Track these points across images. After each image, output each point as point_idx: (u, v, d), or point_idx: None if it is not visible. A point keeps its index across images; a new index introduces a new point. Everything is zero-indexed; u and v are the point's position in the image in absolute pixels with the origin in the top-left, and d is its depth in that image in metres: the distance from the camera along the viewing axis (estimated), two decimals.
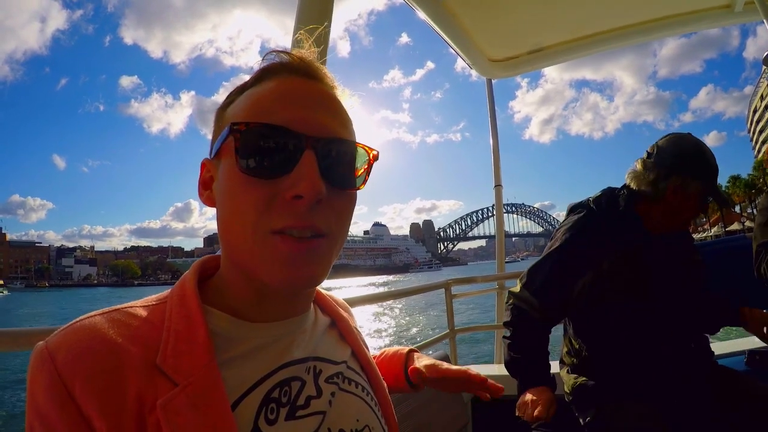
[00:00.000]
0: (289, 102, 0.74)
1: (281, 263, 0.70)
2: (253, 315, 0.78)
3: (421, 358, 1.20)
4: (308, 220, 0.70)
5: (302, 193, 0.68)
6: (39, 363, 0.62)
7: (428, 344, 3.12)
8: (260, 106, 0.74)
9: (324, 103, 0.77)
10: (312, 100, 0.76)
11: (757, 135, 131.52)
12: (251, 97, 0.77)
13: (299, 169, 0.70)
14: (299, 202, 0.69)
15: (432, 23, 3.74)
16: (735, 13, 3.98)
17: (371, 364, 0.98)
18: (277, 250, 0.69)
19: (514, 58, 4.73)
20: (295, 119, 0.72)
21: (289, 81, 0.77)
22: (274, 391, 0.73)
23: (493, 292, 4.23)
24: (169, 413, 0.61)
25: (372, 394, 0.92)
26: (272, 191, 0.70)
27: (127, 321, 0.69)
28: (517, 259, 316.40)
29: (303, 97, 0.76)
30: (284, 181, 0.70)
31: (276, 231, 0.69)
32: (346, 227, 0.79)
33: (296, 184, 0.69)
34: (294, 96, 0.75)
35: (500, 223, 5.10)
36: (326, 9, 1.96)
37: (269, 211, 0.70)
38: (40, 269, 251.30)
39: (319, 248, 0.73)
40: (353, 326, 1.02)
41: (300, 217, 0.70)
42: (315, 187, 0.68)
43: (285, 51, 0.82)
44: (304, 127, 0.72)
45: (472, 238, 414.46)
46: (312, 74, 0.80)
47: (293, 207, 0.69)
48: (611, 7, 4.07)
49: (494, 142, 4.99)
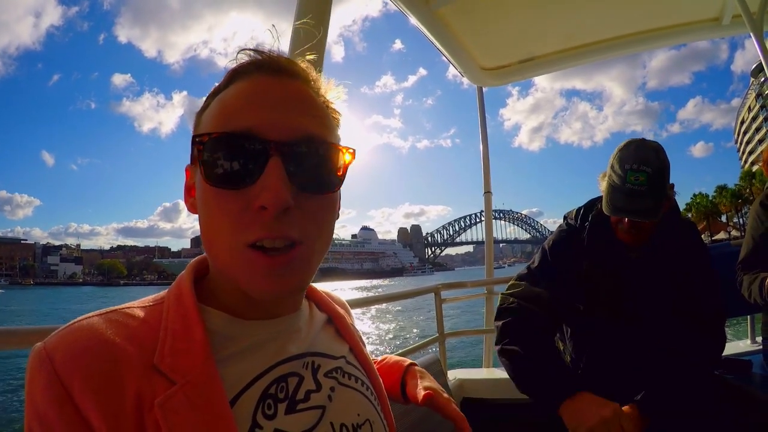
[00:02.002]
0: (255, 105, 0.71)
1: (261, 276, 0.69)
2: (247, 313, 0.77)
3: (423, 377, 1.16)
4: (278, 230, 0.68)
5: (265, 203, 0.66)
6: (37, 364, 0.62)
7: (418, 348, 3.11)
8: (226, 112, 0.72)
9: (294, 102, 0.74)
10: (280, 99, 0.73)
11: (744, 146, 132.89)
12: (220, 103, 0.74)
13: (263, 179, 0.67)
14: (265, 212, 0.67)
15: (425, 31, 3.78)
16: (723, 26, 4.06)
17: (369, 361, 0.98)
18: (256, 264, 0.68)
19: (506, 66, 4.78)
20: (260, 123, 0.69)
21: (257, 81, 0.74)
22: (271, 387, 0.73)
23: (482, 297, 4.26)
24: (167, 412, 0.61)
25: (372, 389, 0.92)
26: (242, 202, 0.68)
27: (124, 321, 0.69)
28: (504, 265, 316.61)
29: (270, 97, 0.72)
30: (252, 190, 0.68)
31: (250, 244, 0.68)
32: (325, 230, 0.76)
33: (259, 194, 0.67)
34: (260, 97, 0.72)
35: (489, 230, 5.11)
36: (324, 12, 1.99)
37: (241, 223, 0.68)
38: (25, 267, 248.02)
39: (296, 258, 0.71)
40: (350, 324, 1.01)
41: (268, 228, 0.67)
42: (278, 197, 0.66)
43: (255, 49, 0.79)
44: (270, 130, 0.69)
45: (460, 244, 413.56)
46: (284, 70, 0.76)
47: (261, 218, 0.67)
48: (602, 18, 4.12)
49: (484, 149, 5.03)
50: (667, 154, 1.79)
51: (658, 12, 4.09)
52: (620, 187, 1.75)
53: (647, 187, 1.71)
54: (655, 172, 1.71)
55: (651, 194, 1.72)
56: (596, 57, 4.55)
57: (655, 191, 1.72)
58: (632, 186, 1.72)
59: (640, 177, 1.71)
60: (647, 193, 1.71)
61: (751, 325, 3.46)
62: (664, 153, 1.79)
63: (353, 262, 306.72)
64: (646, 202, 1.72)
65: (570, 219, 2.11)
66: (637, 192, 1.71)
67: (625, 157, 1.76)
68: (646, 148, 1.76)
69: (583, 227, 2.01)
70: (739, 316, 3.10)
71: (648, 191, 1.71)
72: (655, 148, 1.77)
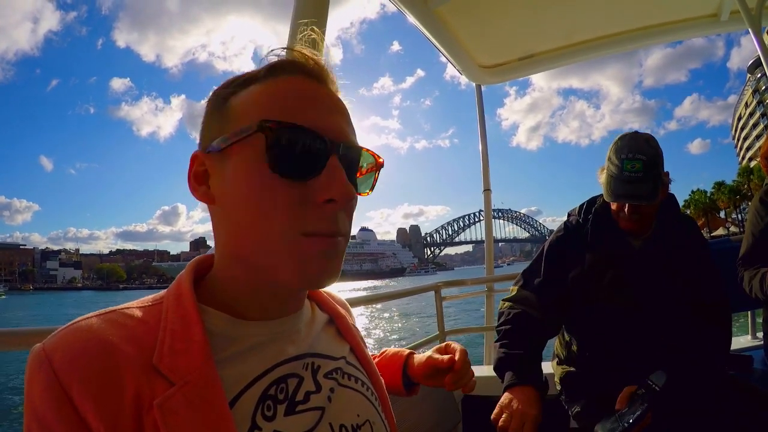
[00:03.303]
0: (312, 105, 0.74)
1: (316, 259, 0.71)
2: (248, 313, 0.77)
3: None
4: (338, 223, 0.72)
5: (335, 197, 0.70)
6: (36, 365, 0.62)
7: (418, 346, 3.12)
8: (284, 105, 0.72)
9: (339, 109, 0.78)
10: (331, 105, 0.77)
11: (741, 142, 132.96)
12: (268, 93, 0.74)
13: (330, 173, 0.70)
14: (330, 205, 0.70)
15: (423, 30, 3.79)
16: (721, 22, 4.07)
17: (369, 361, 0.98)
18: (309, 250, 0.70)
19: (504, 64, 4.80)
20: (321, 123, 0.72)
21: (305, 82, 0.76)
22: (271, 389, 0.72)
23: (482, 294, 4.28)
24: (166, 412, 0.60)
25: (372, 389, 0.92)
26: (302, 193, 0.70)
27: (123, 321, 0.68)
28: (503, 264, 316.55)
29: (323, 101, 0.76)
30: (313, 184, 0.70)
31: (308, 233, 0.70)
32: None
33: (328, 187, 0.70)
34: (315, 100, 0.75)
35: (489, 227, 5.11)
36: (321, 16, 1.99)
37: (299, 213, 0.70)
38: (25, 272, 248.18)
39: (340, 246, 0.74)
40: (351, 323, 1.01)
41: (331, 220, 0.71)
42: (348, 192, 0.70)
43: (297, 49, 0.80)
44: (328, 131, 0.72)
45: (459, 243, 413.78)
46: (323, 78, 0.79)
47: (324, 210, 0.70)
48: (600, 15, 4.13)
49: (483, 147, 5.04)
50: (658, 143, 1.88)
51: (656, 8, 4.10)
52: (619, 176, 1.84)
53: (643, 173, 1.80)
54: (649, 159, 1.81)
55: (648, 179, 1.81)
56: (594, 54, 4.57)
57: (651, 177, 1.82)
58: (629, 173, 1.81)
59: (636, 165, 1.80)
60: (644, 179, 1.81)
61: (752, 320, 3.46)
62: (656, 142, 1.87)
63: (352, 263, 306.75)
64: (644, 187, 1.81)
65: (573, 215, 2.18)
66: (635, 178, 1.81)
67: (620, 148, 1.85)
68: (639, 139, 1.86)
69: (586, 221, 2.09)
70: (739, 311, 3.08)
71: (644, 177, 1.81)
72: (646, 138, 1.87)
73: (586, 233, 2.05)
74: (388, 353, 1.24)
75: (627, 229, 1.98)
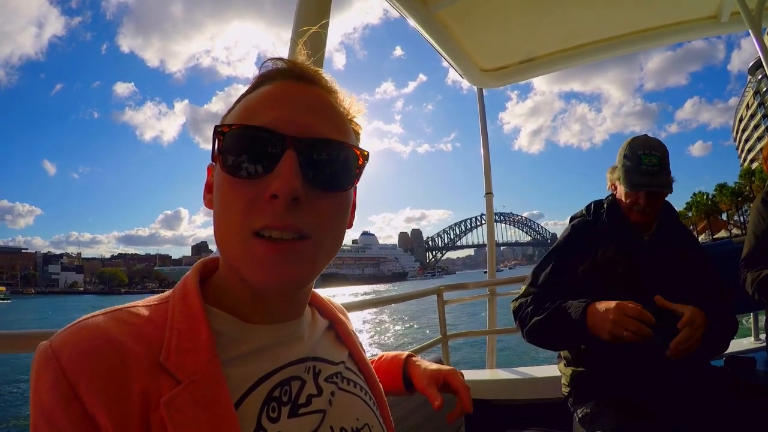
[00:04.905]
0: (276, 104, 0.74)
1: (261, 264, 0.69)
2: (251, 317, 0.78)
3: (425, 365, 1.18)
4: (287, 220, 0.69)
5: (276, 191, 0.67)
6: (44, 362, 0.62)
7: (421, 349, 3.12)
8: (248, 110, 0.75)
9: (313, 105, 0.76)
10: (300, 101, 0.76)
11: (743, 144, 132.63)
12: (243, 104, 0.77)
13: (277, 169, 0.69)
14: (276, 201, 0.68)
15: (425, 34, 3.81)
16: (721, 24, 4.08)
17: (368, 366, 0.99)
18: (258, 251, 0.69)
19: (505, 67, 4.81)
20: (279, 120, 0.72)
21: (281, 85, 0.77)
22: (275, 391, 0.73)
23: (485, 298, 4.27)
24: (173, 411, 0.61)
25: (370, 394, 0.93)
26: (255, 192, 0.70)
27: (130, 320, 0.68)
28: (505, 268, 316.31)
29: (291, 99, 0.75)
30: (266, 180, 0.70)
31: (256, 231, 0.69)
32: (334, 230, 0.77)
33: (272, 182, 0.68)
34: (281, 98, 0.75)
35: (491, 231, 5.13)
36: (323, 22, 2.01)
37: (251, 211, 0.69)
38: (27, 276, 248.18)
39: (300, 251, 0.71)
40: (350, 329, 1.03)
41: (278, 216, 0.68)
42: (289, 185, 0.67)
43: (280, 58, 0.81)
44: (288, 127, 0.71)
45: (461, 248, 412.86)
46: (306, 77, 0.80)
47: (272, 207, 0.68)
48: (600, 18, 4.15)
49: (485, 150, 5.06)
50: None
51: (656, 11, 4.12)
52: (637, 169, 2.02)
53: (659, 166, 2.01)
54: (663, 155, 2.03)
55: (664, 172, 2.02)
56: (595, 56, 4.58)
57: (666, 170, 2.03)
58: (647, 167, 2.01)
59: (653, 159, 2.01)
60: (660, 171, 2.01)
61: (755, 322, 3.47)
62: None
63: (354, 267, 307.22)
64: (662, 179, 2.02)
65: (578, 217, 2.30)
66: (653, 171, 2.01)
67: (636, 146, 2.05)
68: (651, 139, 2.08)
69: (597, 217, 2.22)
70: (742, 313, 3.09)
71: (660, 169, 2.01)
72: (657, 139, 2.08)
73: (596, 229, 2.18)
74: (386, 357, 1.25)
75: (638, 222, 2.12)
